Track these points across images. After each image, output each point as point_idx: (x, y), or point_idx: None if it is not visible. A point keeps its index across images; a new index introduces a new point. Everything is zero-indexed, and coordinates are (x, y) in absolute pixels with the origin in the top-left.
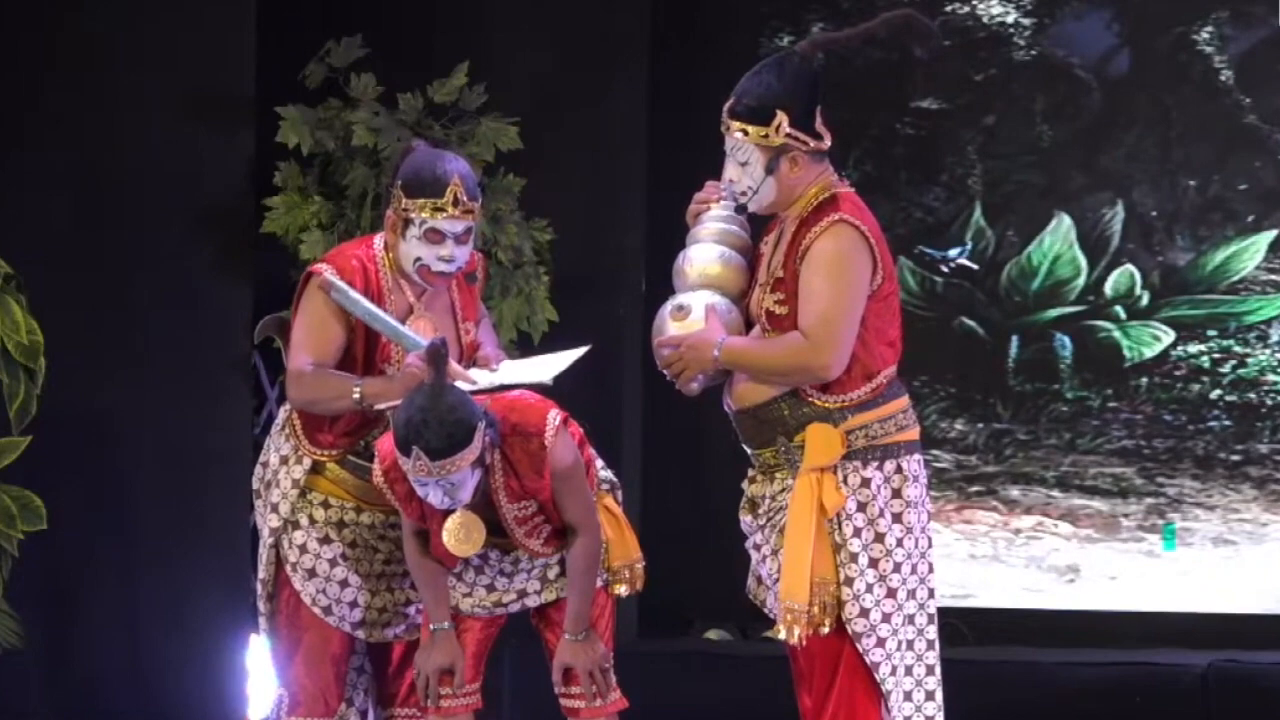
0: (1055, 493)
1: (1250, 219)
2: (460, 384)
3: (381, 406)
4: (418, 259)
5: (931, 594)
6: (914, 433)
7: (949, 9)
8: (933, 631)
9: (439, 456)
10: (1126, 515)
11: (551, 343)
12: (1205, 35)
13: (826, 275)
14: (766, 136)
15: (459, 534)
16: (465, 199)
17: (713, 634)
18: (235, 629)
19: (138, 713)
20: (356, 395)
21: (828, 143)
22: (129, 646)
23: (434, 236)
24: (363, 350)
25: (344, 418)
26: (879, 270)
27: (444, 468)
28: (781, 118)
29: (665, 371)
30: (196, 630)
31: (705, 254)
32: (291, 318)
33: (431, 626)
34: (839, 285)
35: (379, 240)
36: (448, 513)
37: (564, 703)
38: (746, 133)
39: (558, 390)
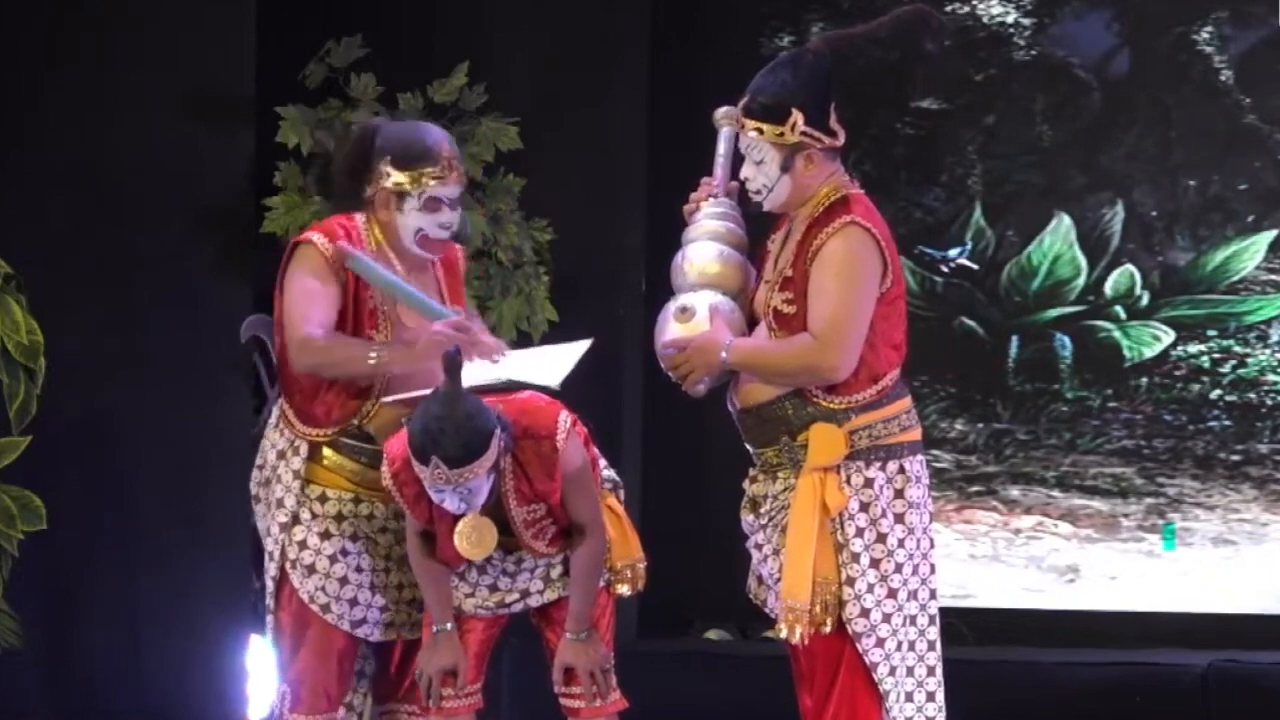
0: (1055, 493)
1: (1250, 219)
2: (470, 376)
3: (391, 399)
4: (419, 229)
5: (933, 595)
6: (916, 433)
7: (949, 9)
8: (934, 632)
9: (457, 465)
10: (1126, 515)
11: (551, 343)
12: (1205, 35)
13: (837, 277)
14: (782, 135)
15: (471, 537)
16: (456, 164)
17: (713, 634)
18: (235, 629)
19: (138, 713)
20: (373, 360)
21: (842, 140)
22: (129, 647)
23: (433, 205)
24: (352, 315)
25: (338, 386)
26: (888, 273)
27: (462, 476)
28: (797, 116)
29: (671, 374)
30: (196, 630)
31: (703, 252)
32: (277, 290)
33: (434, 628)
34: (849, 287)
35: (360, 217)
36: (457, 516)
37: (564, 702)
38: (762, 131)
39: (559, 390)
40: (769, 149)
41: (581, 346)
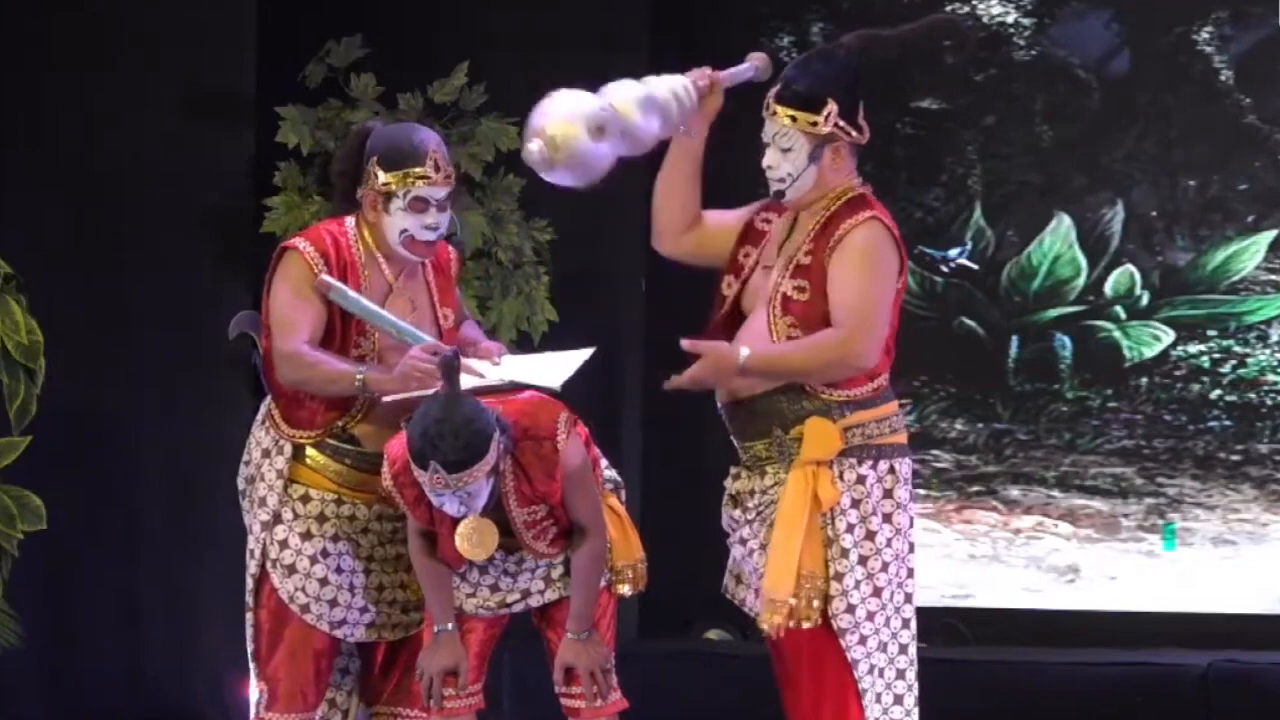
0: (1055, 493)
1: (1250, 219)
2: (469, 376)
3: (389, 399)
4: (403, 230)
5: (909, 599)
6: (904, 436)
7: (949, 9)
8: (907, 636)
9: (456, 469)
10: (1126, 515)
11: (551, 343)
12: (1205, 35)
13: (861, 268)
14: (815, 124)
15: (472, 539)
16: (444, 165)
17: (713, 634)
18: (235, 629)
19: (138, 713)
20: (359, 382)
21: (867, 138)
22: (129, 647)
23: (419, 205)
24: (340, 324)
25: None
26: (902, 273)
27: (461, 480)
28: (832, 107)
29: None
30: (196, 630)
31: (628, 92)
32: (265, 294)
33: (435, 627)
34: (873, 278)
35: (350, 220)
36: (457, 518)
37: (565, 702)
38: (795, 119)
39: (560, 391)
40: (799, 137)
41: (583, 354)
